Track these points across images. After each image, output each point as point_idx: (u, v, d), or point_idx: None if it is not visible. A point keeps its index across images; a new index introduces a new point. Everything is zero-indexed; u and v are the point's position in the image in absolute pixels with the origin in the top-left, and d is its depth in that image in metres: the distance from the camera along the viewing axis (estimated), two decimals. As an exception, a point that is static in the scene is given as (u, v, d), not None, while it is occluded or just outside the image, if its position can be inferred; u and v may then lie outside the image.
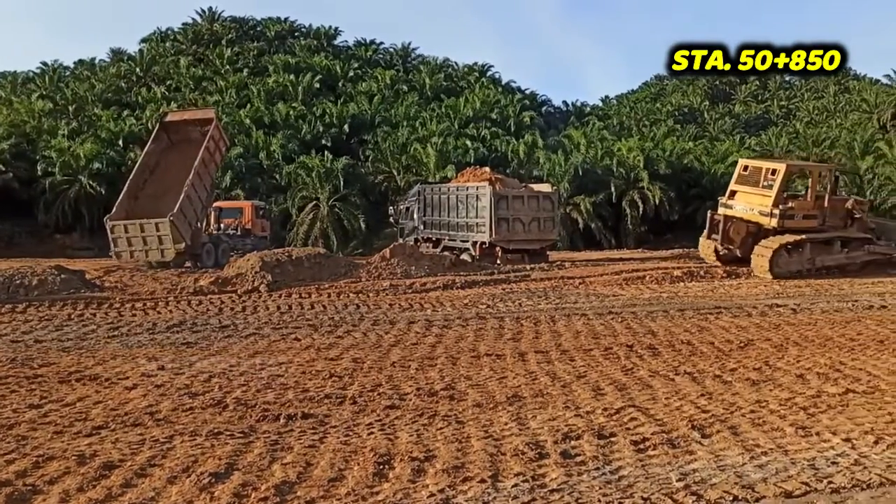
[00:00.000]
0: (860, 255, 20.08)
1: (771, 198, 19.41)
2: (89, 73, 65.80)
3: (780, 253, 19.07)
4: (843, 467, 5.05)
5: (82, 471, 5.04)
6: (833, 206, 20.26)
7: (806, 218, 19.88)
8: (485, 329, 11.59)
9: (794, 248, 19.36)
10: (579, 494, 4.63)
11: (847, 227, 20.44)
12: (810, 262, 19.48)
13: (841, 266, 19.92)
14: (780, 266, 19.07)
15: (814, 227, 19.91)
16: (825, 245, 19.88)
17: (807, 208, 19.96)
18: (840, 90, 71.22)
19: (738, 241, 20.46)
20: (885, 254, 20.41)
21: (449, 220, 26.12)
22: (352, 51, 73.85)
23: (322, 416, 6.50)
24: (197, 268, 22.27)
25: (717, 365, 8.62)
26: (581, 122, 62.83)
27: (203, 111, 31.31)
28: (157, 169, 24.74)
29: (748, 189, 20.42)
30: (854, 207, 20.62)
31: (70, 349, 10.06)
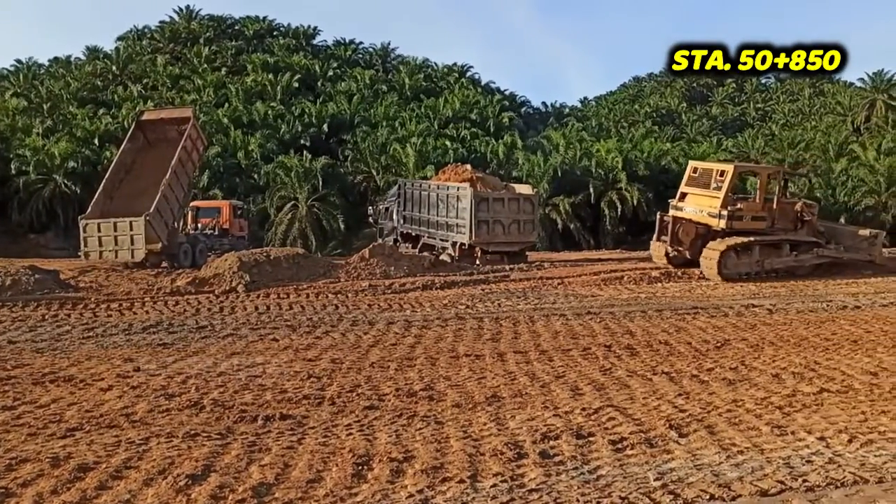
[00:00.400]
0: (809, 258, 19.93)
1: (719, 199, 19.28)
2: (64, 70, 65.13)
3: (728, 255, 18.90)
4: (818, 466, 5.10)
5: (56, 473, 4.98)
6: (783, 208, 20.19)
7: (754, 220, 19.72)
8: (464, 329, 11.60)
9: (742, 250, 19.23)
10: (558, 494, 4.64)
11: (797, 230, 20.29)
12: (759, 264, 19.33)
13: (790, 269, 19.77)
14: (729, 268, 18.91)
15: (762, 229, 19.76)
16: (774, 248, 19.75)
17: (755, 210, 19.81)
18: (815, 93, 72.19)
19: (687, 242, 20.29)
20: (833, 257, 20.22)
21: (429, 218, 26.05)
22: (331, 50, 73.67)
23: (300, 417, 6.47)
24: (174, 268, 22.07)
25: (695, 365, 8.68)
26: (560, 123, 63.20)
27: (180, 110, 31.02)
28: (133, 168, 24.46)
29: (698, 191, 20.28)
30: (803, 210, 20.43)
31: (44, 350, 9.93)
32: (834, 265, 20.45)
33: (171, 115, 26.92)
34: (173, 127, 25.16)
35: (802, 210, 20.39)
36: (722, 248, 18.78)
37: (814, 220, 20.50)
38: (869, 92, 55.88)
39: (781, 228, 20.04)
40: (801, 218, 20.26)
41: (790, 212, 20.31)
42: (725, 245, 18.87)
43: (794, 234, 20.12)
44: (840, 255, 20.32)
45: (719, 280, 18.49)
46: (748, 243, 19.21)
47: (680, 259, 20.76)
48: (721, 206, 19.13)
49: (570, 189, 42.57)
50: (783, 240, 19.82)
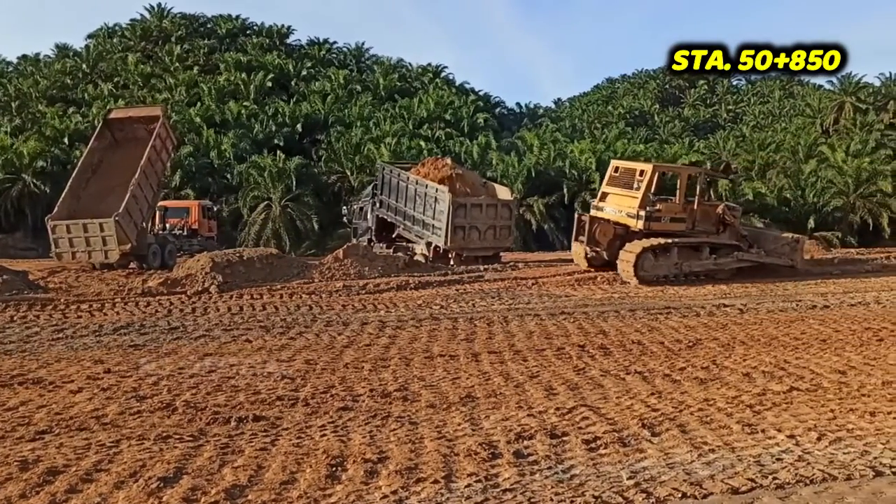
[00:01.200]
0: (729, 261, 19.42)
1: (638, 199, 18.77)
2: (33, 68, 64.16)
3: (645, 256, 18.29)
4: (788, 463, 5.17)
5: (25, 477, 4.90)
6: (705, 210, 19.65)
7: (674, 221, 19.11)
8: (438, 330, 11.60)
9: (661, 251, 18.61)
10: (532, 494, 4.66)
11: (719, 233, 19.73)
12: (677, 266, 18.72)
13: (709, 272, 19.24)
14: (646, 269, 18.32)
15: (682, 230, 19.15)
16: (694, 250, 19.21)
17: (674, 211, 19.20)
18: (785, 95, 73.23)
19: (604, 243, 19.60)
20: (753, 261, 19.75)
21: (405, 210, 25.71)
22: (305, 50, 73.27)
23: (274, 419, 6.44)
24: (143, 269, 21.70)
25: (667, 364, 8.76)
26: (534, 124, 63.48)
27: (149, 108, 30.33)
28: (101, 168, 23.87)
29: (618, 191, 19.75)
30: (725, 213, 19.79)
31: (12, 352, 9.77)
32: (757, 269, 19.98)
33: (139, 114, 26.26)
34: (142, 126, 24.59)
35: (724, 213, 19.81)
36: (638, 250, 18.22)
37: (736, 223, 20.00)
38: (838, 94, 56.76)
39: (703, 231, 19.51)
40: (723, 221, 19.72)
41: (712, 214, 19.78)
42: (642, 246, 18.30)
43: (715, 236, 19.61)
44: (760, 259, 19.91)
45: (636, 282, 17.95)
46: (667, 245, 18.64)
47: (599, 260, 20.16)
48: (639, 206, 18.66)
49: (544, 189, 42.76)
50: (703, 242, 19.34)
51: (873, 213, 42.86)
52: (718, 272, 19.31)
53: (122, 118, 25.61)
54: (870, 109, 54.10)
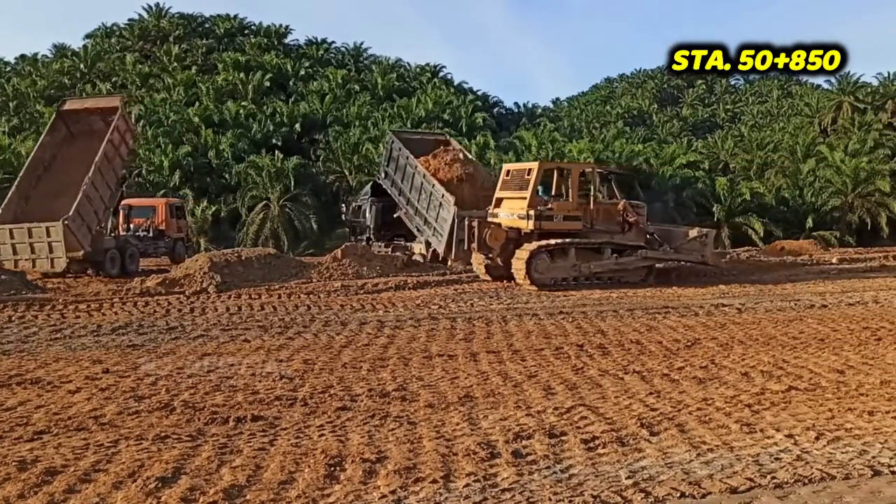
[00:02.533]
0: (632, 261, 18.36)
1: (527, 199, 17.83)
2: (31, 68, 64.05)
3: (538, 258, 17.29)
4: (786, 463, 5.18)
5: (23, 477, 4.90)
6: (606, 209, 18.66)
7: (567, 220, 18.01)
8: (437, 330, 11.60)
9: (558, 253, 17.61)
10: (530, 493, 4.66)
11: (624, 232, 18.64)
12: (576, 268, 17.70)
13: (615, 274, 18.24)
14: (541, 272, 17.30)
15: (578, 230, 18.07)
16: (595, 251, 18.15)
17: (568, 210, 18.06)
18: (783, 95, 73.23)
19: (497, 248, 18.26)
20: (659, 259, 18.93)
21: (409, 197, 25.08)
22: (303, 49, 73.21)
23: (272, 419, 6.43)
24: (99, 276, 20.14)
25: (665, 364, 8.77)
26: (532, 124, 63.40)
27: (107, 99, 27.75)
28: (54, 164, 21.83)
29: (511, 194, 18.68)
30: (627, 211, 18.73)
31: (10, 352, 9.76)
32: (677, 271, 19.35)
33: (96, 105, 23.95)
34: (99, 118, 22.51)
35: (626, 211, 18.76)
36: (530, 251, 17.21)
37: (640, 222, 18.90)
38: (836, 94, 56.76)
39: (604, 230, 18.42)
40: (625, 220, 18.69)
41: (614, 213, 18.71)
42: (534, 247, 17.30)
43: (620, 236, 18.56)
44: (667, 258, 19.10)
45: (530, 286, 17.04)
46: (563, 246, 17.63)
47: (497, 269, 18.77)
48: (528, 206, 17.69)
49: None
50: (604, 242, 18.27)
51: (871, 213, 42.90)
52: (624, 273, 18.35)
53: (78, 109, 23.40)
54: (868, 109, 54.10)
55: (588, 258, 17.93)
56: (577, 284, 17.56)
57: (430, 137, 29.83)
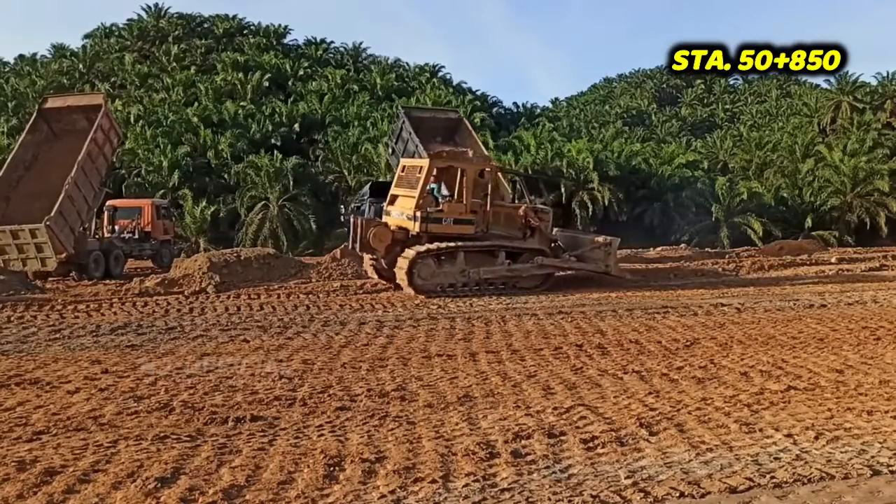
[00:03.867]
0: (526, 268, 16.94)
1: (415, 199, 16.52)
2: (30, 68, 64.05)
3: (423, 262, 16.04)
4: (786, 462, 5.18)
5: (22, 477, 4.89)
6: (508, 213, 17.52)
7: (459, 223, 16.59)
8: (436, 329, 11.60)
9: (447, 257, 16.33)
10: (530, 493, 4.66)
11: (526, 237, 17.39)
12: (465, 274, 16.35)
13: (508, 280, 16.87)
14: (424, 278, 16.06)
15: (471, 233, 16.68)
16: (488, 256, 16.78)
17: (459, 212, 16.64)
18: (782, 94, 73.23)
19: (382, 250, 16.84)
20: (557, 267, 17.53)
21: None
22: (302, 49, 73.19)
23: (271, 419, 6.43)
24: (82, 279, 19.78)
25: (665, 363, 8.77)
26: (531, 124, 63.36)
27: (90, 97, 26.85)
28: (35, 164, 21.42)
29: (403, 192, 17.34)
30: (529, 215, 17.39)
31: (9, 352, 9.76)
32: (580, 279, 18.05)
33: (79, 103, 23.35)
34: (82, 116, 22.06)
35: (528, 215, 17.42)
36: (413, 255, 15.97)
37: (543, 227, 17.60)
38: (835, 93, 56.77)
39: (502, 234, 17.18)
40: (527, 224, 17.40)
41: (515, 216, 17.48)
42: (418, 251, 16.04)
43: (521, 241, 17.31)
44: (564, 265, 17.76)
45: (413, 292, 15.87)
46: (451, 250, 16.29)
47: (387, 272, 17.30)
48: (415, 206, 16.36)
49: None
50: (498, 247, 16.88)
51: (870, 213, 42.90)
52: (518, 280, 16.98)
53: (60, 107, 22.85)
54: (867, 109, 54.10)
55: (480, 263, 16.61)
56: (466, 291, 16.32)
57: (441, 116, 29.23)
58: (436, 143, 26.06)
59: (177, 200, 39.07)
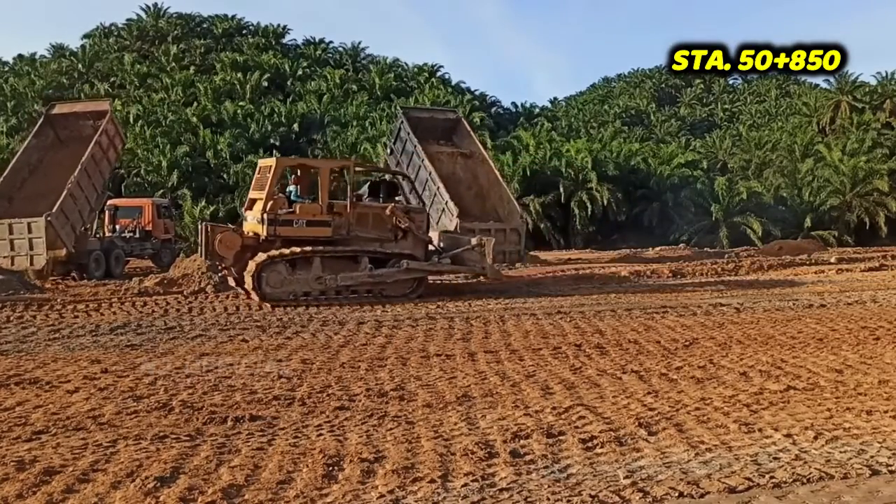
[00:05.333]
0: (392, 273, 15.71)
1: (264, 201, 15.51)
2: (29, 68, 64.07)
3: (272, 269, 14.86)
4: (785, 462, 5.18)
5: (21, 477, 4.89)
6: (377, 214, 16.32)
7: (313, 226, 15.49)
8: (434, 329, 11.60)
9: (301, 263, 15.18)
10: (528, 493, 4.66)
11: (397, 240, 16.25)
12: (321, 281, 15.14)
13: (373, 287, 15.68)
14: (274, 285, 14.87)
15: (328, 237, 15.53)
16: (351, 261, 15.59)
17: (313, 214, 15.58)
18: (781, 94, 73.29)
19: (230, 257, 15.48)
20: (426, 271, 16.39)
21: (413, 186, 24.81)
22: (301, 49, 73.26)
23: (270, 418, 6.43)
24: (83, 279, 19.90)
25: (664, 363, 8.77)
26: (530, 124, 63.42)
27: (96, 103, 27.72)
28: (40, 167, 21.90)
29: (257, 194, 16.17)
30: (397, 216, 16.20)
31: (9, 352, 9.75)
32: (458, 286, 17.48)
33: (85, 109, 24.09)
34: (88, 122, 22.68)
35: (396, 216, 16.21)
36: (259, 262, 14.82)
37: (414, 228, 16.35)
38: (834, 93, 56.83)
39: (371, 238, 16.03)
40: (397, 226, 16.24)
41: (382, 218, 16.26)
42: (266, 257, 14.89)
43: (392, 245, 16.17)
44: (434, 269, 16.61)
45: (261, 301, 14.73)
46: (306, 255, 15.15)
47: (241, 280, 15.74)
48: (262, 209, 15.34)
49: (540, 189, 42.78)
50: (360, 251, 15.69)
51: (870, 212, 42.99)
52: (384, 286, 15.76)
53: (67, 114, 23.59)
54: (866, 108, 54.18)
55: (339, 269, 15.39)
56: (325, 299, 15.07)
57: (440, 116, 29.25)
58: (434, 143, 26.11)
59: (176, 200, 39.08)
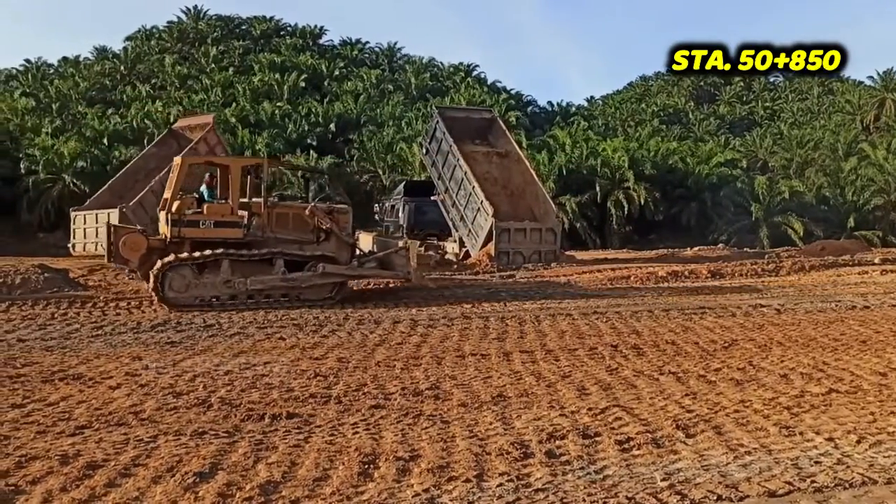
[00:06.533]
0: (307, 278, 14.74)
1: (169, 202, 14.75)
2: (73, 70, 65.47)
3: (173, 272, 14.06)
4: (826, 466, 5.08)
5: (65, 471, 5.00)
6: (296, 214, 15.47)
7: (221, 227, 14.59)
8: (470, 329, 11.60)
9: (210, 266, 14.30)
10: (564, 494, 4.64)
11: (319, 242, 15.33)
12: (230, 285, 14.29)
13: (289, 291, 14.73)
14: (177, 290, 14.06)
15: (238, 237, 14.63)
16: (266, 264, 14.65)
17: (222, 214, 14.68)
18: (824, 92, 71.93)
19: (135, 259, 14.74)
20: (345, 276, 15.39)
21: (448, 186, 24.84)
22: (337, 50, 73.84)
23: (307, 416, 6.48)
24: None
25: (702, 365, 8.66)
26: (566, 123, 63.07)
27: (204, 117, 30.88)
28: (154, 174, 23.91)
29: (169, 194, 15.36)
30: (318, 217, 15.29)
31: (53, 348, 9.97)
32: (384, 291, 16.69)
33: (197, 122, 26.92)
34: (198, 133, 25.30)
35: (317, 217, 15.29)
36: (161, 264, 14.04)
37: (337, 230, 15.43)
38: (879, 91, 55.62)
39: (289, 239, 15.09)
40: (319, 227, 15.37)
41: (303, 219, 15.35)
42: (169, 260, 14.08)
43: (313, 247, 15.23)
44: (352, 274, 15.60)
45: (164, 306, 13.94)
46: (211, 258, 14.24)
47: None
48: (167, 209, 14.64)
49: (577, 188, 42.51)
50: (273, 253, 14.67)
51: (915, 212, 41.96)
52: (300, 291, 14.80)
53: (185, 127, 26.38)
54: (912, 106, 52.93)
55: (253, 272, 14.51)
56: (237, 305, 14.20)
57: (475, 115, 29.37)
58: (470, 142, 26.12)
59: None
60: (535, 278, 19.65)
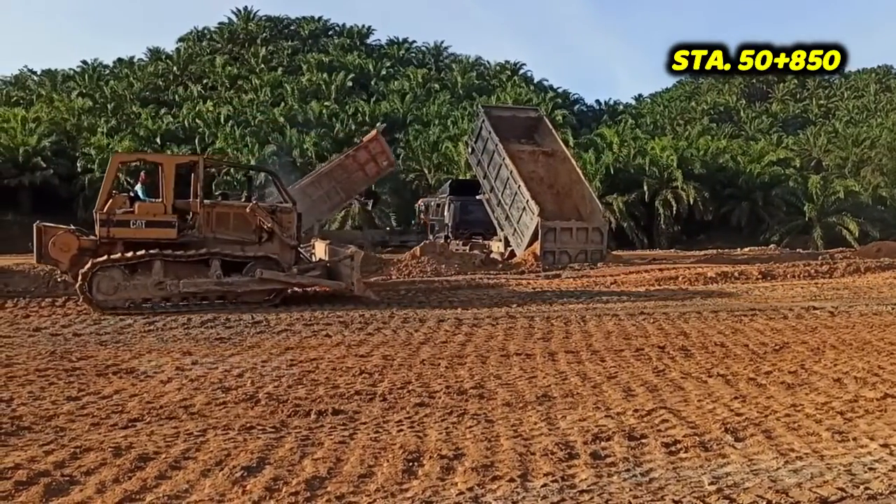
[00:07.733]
0: (243, 282, 14.24)
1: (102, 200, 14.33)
2: (128, 71, 67.03)
3: (101, 274, 13.55)
4: (881, 473, 4.95)
5: (118, 462, 5.12)
6: (237, 214, 14.90)
7: (153, 226, 14.12)
8: (514, 328, 11.56)
9: (142, 267, 13.87)
10: (609, 496, 4.60)
11: (261, 243, 14.85)
12: (163, 287, 13.85)
13: (226, 294, 14.25)
14: (105, 292, 13.58)
15: (172, 237, 14.17)
16: (202, 265, 14.20)
17: (153, 213, 14.23)
18: (881, 89, 69.91)
19: (65, 260, 14.24)
20: (285, 283, 14.71)
21: (494, 185, 24.87)
22: (384, 49, 74.24)
23: (352, 413, 6.54)
24: None
25: (752, 367, 8.50)
26: (614, 121, 62.41)
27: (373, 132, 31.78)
28: None
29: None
30: (260, 217, 14.73)
31: (107, 343, 10.23)
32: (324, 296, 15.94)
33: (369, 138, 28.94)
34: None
35: (259, 216, 14.75)
36: (89, 265, 13.58)
37: (277, 229, 14.86)
38: (938, 87, 53.89)
39: (229, 239, 14.66)
40: (260, 227, 14.86)
41: (244, 218, 14.82)
42: (99, 260, 13.63)
43: (255, 248, 14.73)
44: (292, 281, 14.88)
45: (93, 309, 13.48)
46: (145, 259, 13.79)
47: None
48: (97, 208, 14.33)
49: (624, 187, 42.05)
50: (209, 254, 14.20)
51: (977, 212, 40.57)
52: (237, 294, 14.30)
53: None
54: (974, 103, 51.15)
55: (187, 274, 14.08)
56: (169, 307, 13.78)
57: (522, 115, 29.29)
58: (516, 141, 26.03)
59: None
60: (579, 278, 19.50)
